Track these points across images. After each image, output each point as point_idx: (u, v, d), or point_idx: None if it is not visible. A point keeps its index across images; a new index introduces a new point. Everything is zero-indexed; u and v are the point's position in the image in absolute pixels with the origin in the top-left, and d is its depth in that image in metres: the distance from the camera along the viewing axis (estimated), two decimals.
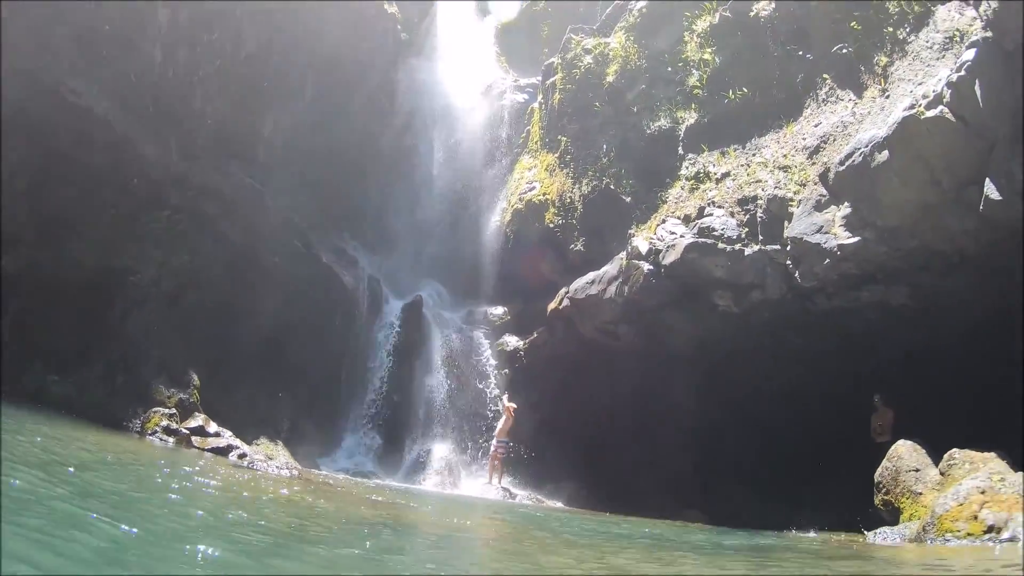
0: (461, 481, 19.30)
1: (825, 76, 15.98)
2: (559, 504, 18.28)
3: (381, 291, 22.63)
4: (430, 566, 8.03)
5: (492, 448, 19.07)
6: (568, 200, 20.88)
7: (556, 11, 27.13)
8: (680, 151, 18.54)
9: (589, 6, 25.08)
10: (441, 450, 19.98)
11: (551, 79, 22.54)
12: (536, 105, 23.88)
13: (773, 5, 17.25)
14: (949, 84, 12.17)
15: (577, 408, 19.52)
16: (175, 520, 7.57)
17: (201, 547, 6.24)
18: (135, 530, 6.52)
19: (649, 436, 18.12)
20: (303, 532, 8.44)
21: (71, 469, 9.20)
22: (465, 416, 20.79)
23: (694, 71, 18.79)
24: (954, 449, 11.75)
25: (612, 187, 19.79)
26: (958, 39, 13.17)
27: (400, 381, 21.01)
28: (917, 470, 12.28)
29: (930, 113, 12.39)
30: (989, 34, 11.84)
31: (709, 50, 18.55)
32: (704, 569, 8.83)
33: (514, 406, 19.15)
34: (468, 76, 26.23)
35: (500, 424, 19.18)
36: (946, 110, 12.24)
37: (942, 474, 11.84)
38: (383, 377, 21.07)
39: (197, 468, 12.05)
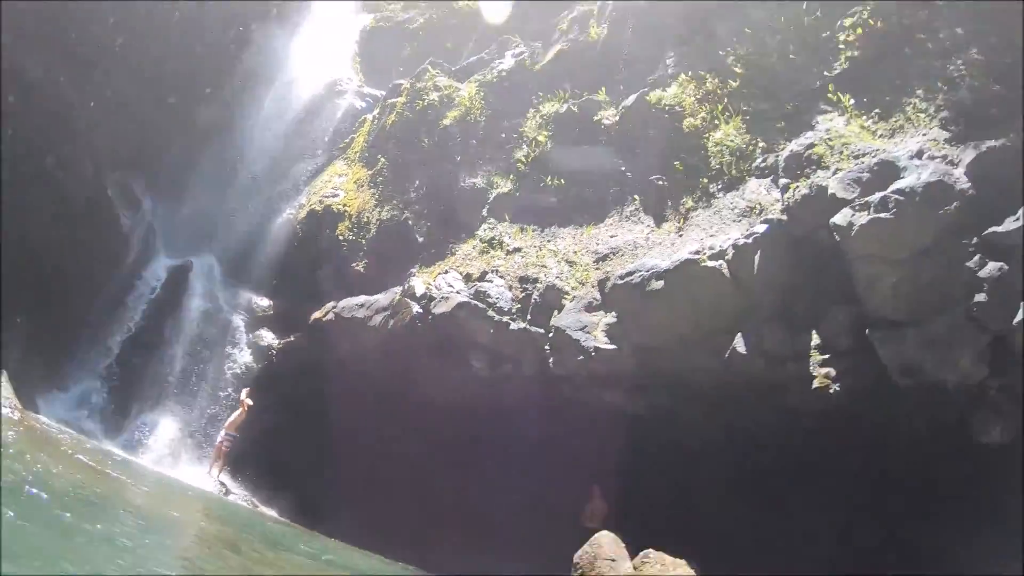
0: (181, 463, 18.43)
1: (636, 197, 17.18)
2: (273, 512, 17.85)
3: (154, 244, 21.33)
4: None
5: (219, 439, 18.38)
6: (365, 220, 20.85)
7: (426, 34, 27.02)
8: (484, 213, 19.12)
9: (458, 42, 25.31)
10: (167, 426, 19.02)
11: (393, 99, 22.57)
12: (370, 117, 23.73)
13: (618, 118, 18.35)
14: (735, 246, 13.60)
15: (315, 420, 18.92)
16: None
17: None
18: None
19: (381, 468, 18.01)
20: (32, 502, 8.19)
21: None
22: (200, 398, 19.86)
23: (524, 146, 19.56)
24: (650, 549, 12.75)
25: (410, 223, 20.06)
26: (757, 211, 14.67)
27: (145, 343, 19.90)
28: (613, 560, 13.20)
29: (710, 263, 13.74)
30: (784, 217, 13.38)
31: (545, 133, 19.41)
32: None
33: (250, 402, 18.59)
34: (318, 64, 25.84)
35: (232, 416, 18.57)
36: (724, 266, 13.64)
37: (635, 568, 12.80)
38: (129, 334, 19.87)
39: None
